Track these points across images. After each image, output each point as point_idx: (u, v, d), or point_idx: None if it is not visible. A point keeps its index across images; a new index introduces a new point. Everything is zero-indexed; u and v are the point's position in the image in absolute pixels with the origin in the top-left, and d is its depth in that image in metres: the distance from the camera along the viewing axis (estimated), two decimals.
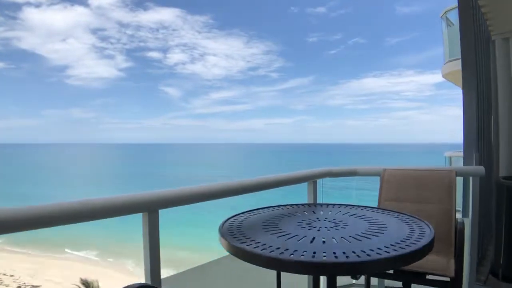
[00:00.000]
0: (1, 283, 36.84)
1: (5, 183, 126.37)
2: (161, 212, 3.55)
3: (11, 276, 38.90)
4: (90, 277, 23.28)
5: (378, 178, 5.28)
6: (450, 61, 16.20)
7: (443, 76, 17.97)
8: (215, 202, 4.92)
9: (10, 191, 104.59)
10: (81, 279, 22.80)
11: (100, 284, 28.43)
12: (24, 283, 36.65)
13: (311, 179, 5.29)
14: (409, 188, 4.67)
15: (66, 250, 49.38)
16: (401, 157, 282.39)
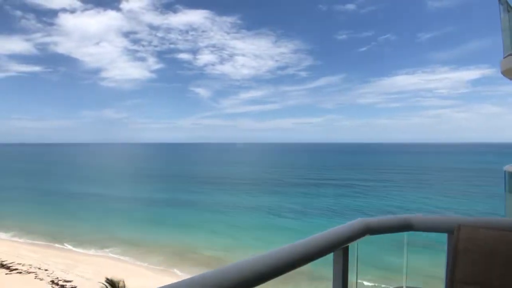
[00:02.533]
0: (36, 276, 38.14)
1: (48, 180, 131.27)
2: None
3: (46, 270, 40.20)
4: (116, 277, 23.77)
5: (445, 235, 3.24)
6: None
7: (503, 73, 14.47)
8: None
9: (54, 188, 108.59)
10: (107, 279, 23.30)
11: (126, 284, 29.02)
12: (57, 278, 37.77)
13: (340, 246, 3.08)
14: (509, 265, 2.52)
15: (97, 247, 50.55)
16: (439, 159, 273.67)
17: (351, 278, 3.26)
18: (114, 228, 60.01)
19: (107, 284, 23.09)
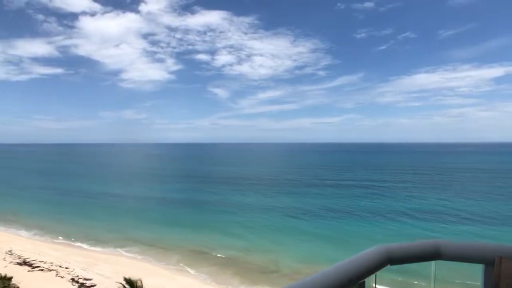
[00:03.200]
0: (57, 274, 39.07)
1: (69, 180, 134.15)
2: None
3: (66, 268, 41.13)
4: (134, 276, 24.24)
5: (480, 266, 2.70)
6: None
7: None
8: None
9: (75, 188, 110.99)
10: (125, 278, 23.78)
11: (144, 283, 29.49)
12: (77, 276, 38.60)
13: (356, 281, 2.53)
14: None
15: (115, 247, 51.43)
16: (461, 159, 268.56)
17: None
18: (132, 227, 60.96)
19: (125, 283, 23.54)
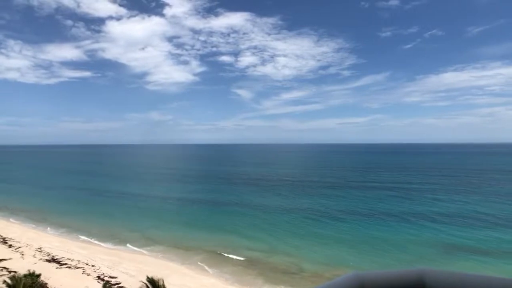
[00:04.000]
0: (84, 271, 39.92)
1: (96, 180, 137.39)
2: None
3: (92, 266, 41.99)
4: (156, 276, 24.43)
5: None
6: None
7: None
8: None
9: (101, 188, 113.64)
10: (148, 277, 24.01)
11: (167, 281, 29.70)
12: (103, 274, 39.33)
13: None
14: None
15: (140, 246, 52.13)
16: (491, 160, 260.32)
17: None
18: (156, 227, 61.74)
19: (147, 283, 23.77)
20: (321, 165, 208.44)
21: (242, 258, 44.85)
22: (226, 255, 45.90)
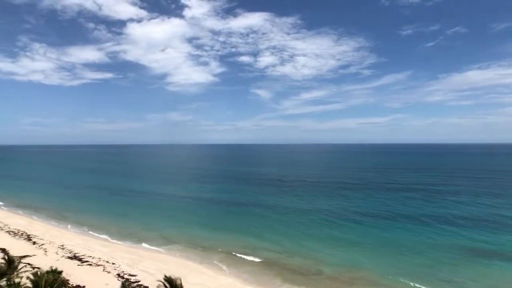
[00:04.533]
0: (104, 269, 40.50)
1: (118, 179, 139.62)
2: None
3: (113, 264, 42.57)
4: (174, 275, 24.55)
5: None
6: None
7: None
8: None
9: (123, 187, 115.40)
10: (165, 276, 24.16)
11: (185, 280, 29.83)
12: (123, 271, 39.80)
13: None
14: None
15: (159, 244, 52.59)
16: None
17: None
18: (175, 226, 62.22)
19: (165, 282, 23.92)
20: (340, 165, 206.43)
21: (259, 259, 44.72)
22: (243, 255, 45.84)
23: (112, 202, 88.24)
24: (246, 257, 45.42)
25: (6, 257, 31.32)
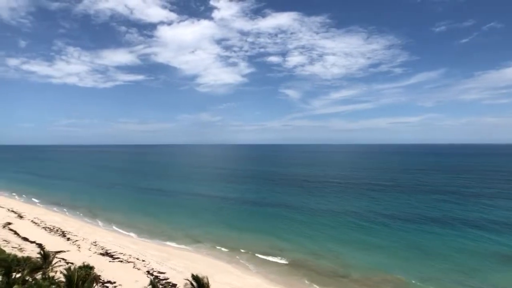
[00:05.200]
0: (134, 266, 41.39)
1: (149, 178, 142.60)
2: None
3: (143, 261, 43.46)
4: (201, 273, 24.82)
5: None
6: None
7: None
8: None
9: (154, 186, 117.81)
10: (193, 275, 24.47)
11: (212, 279, 30.07)
12: (152, 269, 40.57)
13: None
14: None
15: (188, 243, 53.25)
16: None
17: None
18: (204, 225, 62.90)
19: (192, 280, 24.23)
20: (370, 166, 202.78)
21: (286, 260, 44.51)
22: (270, 256, 45.77)
23: (142, 200, 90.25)
24: (272, 257, 45.35)
25: (42, 252, 32.55)
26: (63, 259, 42.11)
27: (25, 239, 52.60)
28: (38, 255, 32.57)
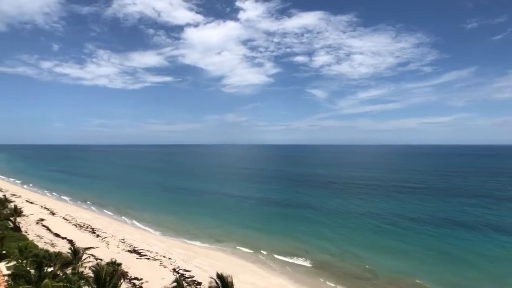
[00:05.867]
0: (161, 263, 42.02)
1: (177, 178, 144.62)
2: None
3: (169, 259, 44.07)
4: (225, 272, 24.87)
5: None
6: None
7: None
8: None
9: (182, 185, 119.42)
10: (217, 273, 24.59)
11: (237, 279, 30.07)
12: (178, 267, 41.08)
13: None
14: None
15: (213, 241, 53.56)
16: None
17: None
18: (229, 224, 63.20)
19: (217, 279, 24.33)
20: (398, 167, 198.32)
21: (311, 261, 44.09)
22: (295, 257, 45.45)
23: (168, 199, 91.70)
24: (296, 258, 45.03)
25: (72, 248, 33.43)
26: (92, 255, 43.17)
27: (57, 235, 54.39)
28: (69, 251, 33.47)
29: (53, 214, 70.25)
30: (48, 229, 57.82)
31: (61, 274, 28.10)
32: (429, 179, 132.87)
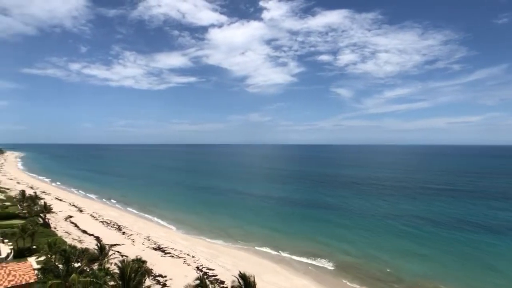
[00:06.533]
0: (184, 261, 42.48)
1: (201, 177, 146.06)
2: None
3: (193, 257, 44.53)
4: (248, 272, 24.86)
5: None
6: None
7: None
8: None
9: (206, 185, 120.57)
10: (240, 273, 24.62)
11: (259, 278, 29.97)
12: (202, 265, 41.44)
13: None
14: None
15: (236, 240, 53.72)
16: None
17: None
18: (251, 224, 63.36)
19: (239, 278, 24.36)
20: (425, 168, 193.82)
21: (334, 262, 43.58)
22: (318, 258, 45.08)
23: (192, 198, 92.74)
24: (320, 260, 44.61)
25: (99, 245, 34.21)
26: (118, 251, 44.13)
27: (84, 231, 55.84)
28: (95, 247, 34.31)
29: (81, 211, 72.14)
30: (76, 225, 59.42)
31: (88, 270, 28.79)
32: (457, 180, 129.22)
